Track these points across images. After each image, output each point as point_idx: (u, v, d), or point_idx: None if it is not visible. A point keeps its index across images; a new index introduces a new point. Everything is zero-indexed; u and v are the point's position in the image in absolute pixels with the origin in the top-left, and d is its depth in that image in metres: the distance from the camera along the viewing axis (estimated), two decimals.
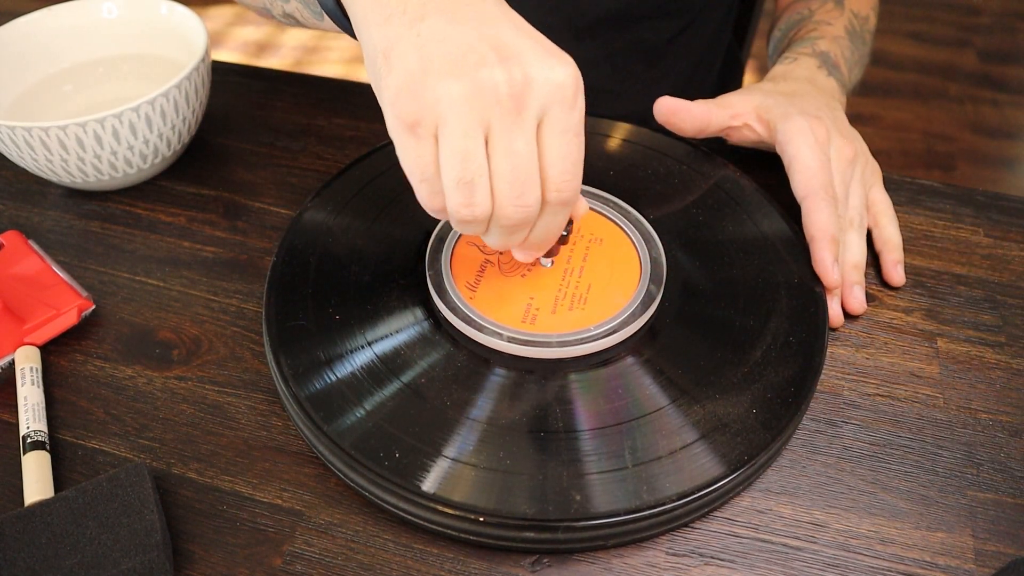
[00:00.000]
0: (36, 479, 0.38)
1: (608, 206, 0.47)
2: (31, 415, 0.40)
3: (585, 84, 0.34)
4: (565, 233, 0.42)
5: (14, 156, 0.50)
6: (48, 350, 0.45)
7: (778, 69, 0.57)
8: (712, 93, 0.53)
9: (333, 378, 0.39)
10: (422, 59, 0.32)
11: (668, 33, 0.69)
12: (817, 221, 0.45)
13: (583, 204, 0.40)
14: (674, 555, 0.37)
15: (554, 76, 0.32)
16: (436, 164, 0.33)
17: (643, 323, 0.42)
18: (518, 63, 0.32)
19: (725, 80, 0.82)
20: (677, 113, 0.50)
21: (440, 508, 0.35)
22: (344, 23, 0.40)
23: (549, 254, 0.43)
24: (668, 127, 0.50)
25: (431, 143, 0.33)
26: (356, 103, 0.62)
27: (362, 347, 0.41)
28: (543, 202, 0.35)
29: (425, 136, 0.33)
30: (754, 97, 0.51)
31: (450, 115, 0.32)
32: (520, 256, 0.40)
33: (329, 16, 0.40)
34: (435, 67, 0.32)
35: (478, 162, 0.32)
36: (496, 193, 0.33)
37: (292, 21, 0.51)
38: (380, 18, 0.34)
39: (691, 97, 0.51)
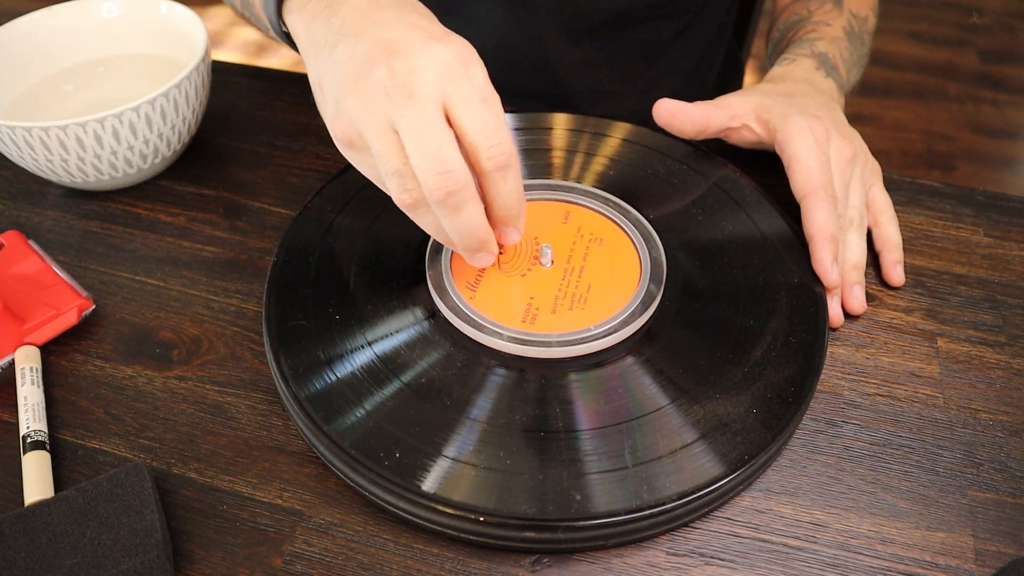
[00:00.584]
0: (36, 479, 0.38)
1: (608, 206, 0.47)
2: (31, 415, 0.40)
3: (585, 85, 0.35)
4: None
5: (14, 156, 0.50)
6: (48, 350, 0.45)
7: (776, 70, 0.57)
8: (712, 93, 0.53)
9: (333, 378, 0.39)
10: (337, 82, 0.37)
11: (668, 34, 0.69)
12: (816, 221, 0.45)
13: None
14: (674, 555, 0.37)
15: (435, 58, 0.35)
16: (374, 168, 0.37)
17: (643, 323, 0.42)
18: (401, 56, 0.35)
19: (725, 80, 0.82)
20: (676, 115, 0.50)
21: (440, 508, 0.35)
22: (293, 46, 0.44)
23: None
24: (668, 129, 0.51)
25: (363, 154, 0.37)
26: None
27: (362, 347, 0.41)
28: (481, 172, 0.37)
29: (362, 148, 0.37)
30: (753, 98, 0.51)
31: (361, 125, 0.36)
32: (508, 240, 0.41)
33: (284, 42, 0.45)
34: (344, 86, 0.36)
35: (396, 155, 0.35)
36: (417, 172, 0.35)
37: (248, 14, 0.53)
38: (312, 56, 0.40)
39: (691, 98, 0.51)
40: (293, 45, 0.45)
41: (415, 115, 0.35)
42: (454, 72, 0.35)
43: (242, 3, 0.53)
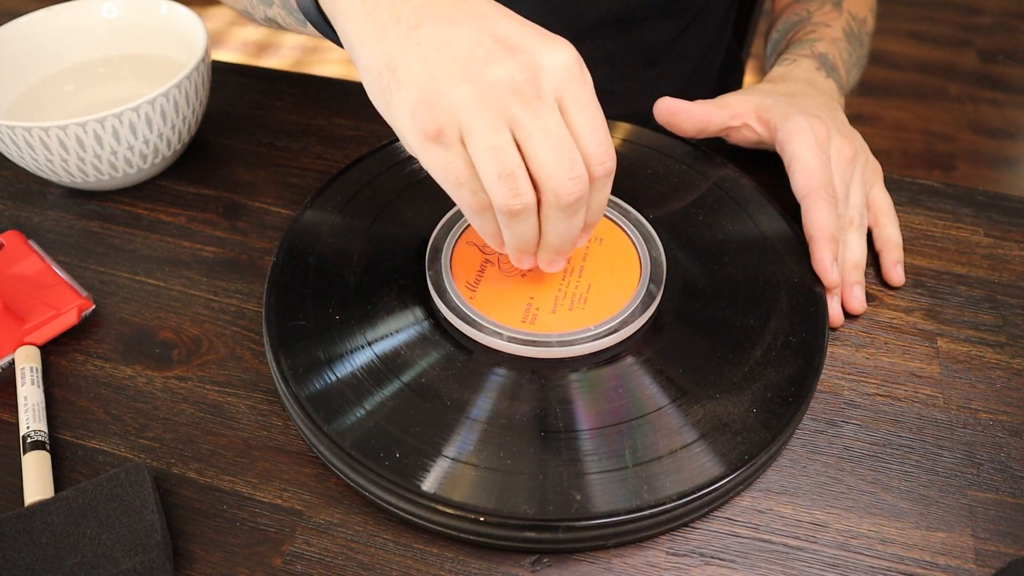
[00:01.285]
0: (36, 479, 0.38)
1: (608, 206, 0.47)
2: (31, 415, 0.40)
3: None
4: None
5: (14, 156, 0.50)
6: (48, 350, 0.45)
7: (777, 71, 0.57)
8: (712, 93, 0.53)
9: (333, 378, 0.39)
10: (429, 68, 0.33)
11: (668, 34, 0.69)
12: (816, 220, 0.45)
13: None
14: (674, 555, 0.37)
15: (559, 58, 0.33)
16: (469, 167, 0.34)
17: (643, 323, 0.42)
18: (524, 52, 0.33)
19: (725, 80, 0.82)
20: (677, 114, 0.50)
21: (440, 508, 0.35)
22: (330, 33, 0.40)
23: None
24: (668, 128, 0.51)
25: (458, 149, 0.33)
26: (356, 103, 0.62)
27: (362, 347, 0.41)
28: (591, 178, 0.35)
29: (451, 143, 0.33)
30: (753, 97, 0.51)
31: (471, 119, 0.33)
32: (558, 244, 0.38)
33: (314, 26, 0.41)
34: (444, 74, 0.33)
35: (512, 153, 0.33)
36: (546, 175, 0.33)
37: (274, 25, 0.51)
38: (375, 33, 0.35)
39: (691, 97, 0.51)
40: (325, 26, 0.40)
41: (546, 117, 0.33)
42: (574, 75, 0.34)
43: None
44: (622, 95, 0.71)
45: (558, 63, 0.33)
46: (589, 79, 0.35)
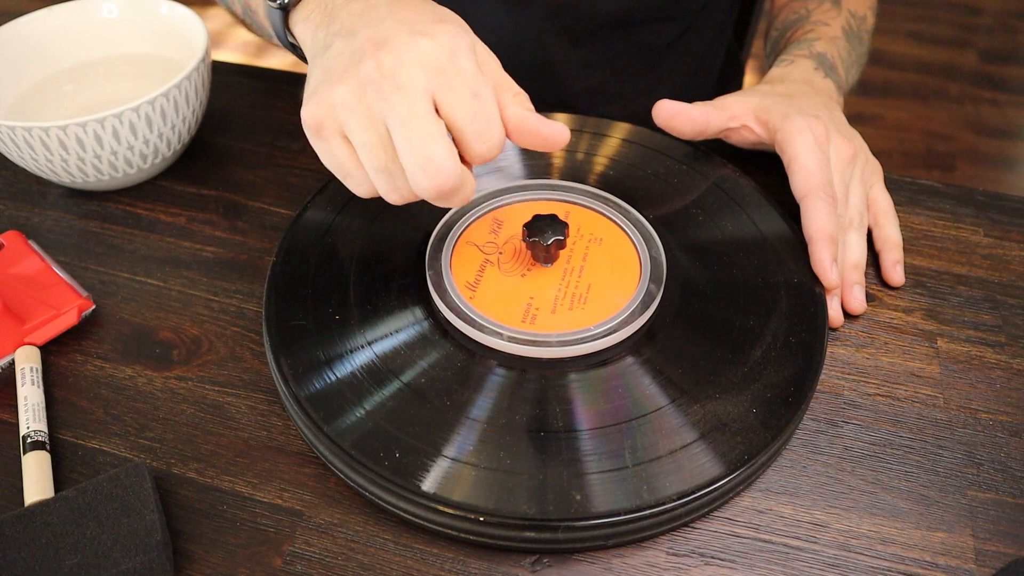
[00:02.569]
0: (36, 479, 0.38)
1: (608, 206, 0.47)
2: (31, 415, 0.40)
3: (585, 87, 0.35)
4: (561, 237, 0.42)
5: (14, 156, 0.50)
6: (48, 350, 0.45)
7: (775, 71, 0.57)
8: (712, 94, 0.53)
9: (333, 378, 0.39)
10: (324, 73, 0.37)
11: (668, 37, 0.69)
12: (815, 221, 0.45)
13: (559, 133, 0.39)
14: (674, 555, 0.37)
15: (421, 50, 0.35)
16: (353, 159, 0.37)
17: (643, 323, 0.42)
18: (389, 50, 0.35)
19: (725, 81, 0.82)
20: (676, 116, 0.50)
21: (440, 508, 0.35)
22: (300, 55, 0.45)
23: (547, 259, 0.43)
24: (667, 130, 0.51)
25: (340, 142, 0.37)
26: None
27: (362, 347, 0.41)
28: (479, 156, 0.37)
29: (331, 137, 0.37)
30: (752, 98, 0.51)
31: (347, 117, 0.35)
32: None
33: (291, 52, 0.46)
34: (331, 78, 0.36)
35: (384, 149, 0.35)
36: (405, 167, 0.35)
37: (250, 21, 0.53)
38: (311, 60, 0.40)
39: (691, 99, 0.51)
40: (300, 55, 0.45)
41: (404, 107, 0.34)
42: (442, 65, 0.35)
43: (243, 11, 0.53)
44: (622, 97, 0.71)
45: (420, 56, 0.35)
46: (466, 66, 0.36)
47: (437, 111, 0.35)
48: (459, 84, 0.35)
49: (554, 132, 0.38)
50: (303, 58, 0.44)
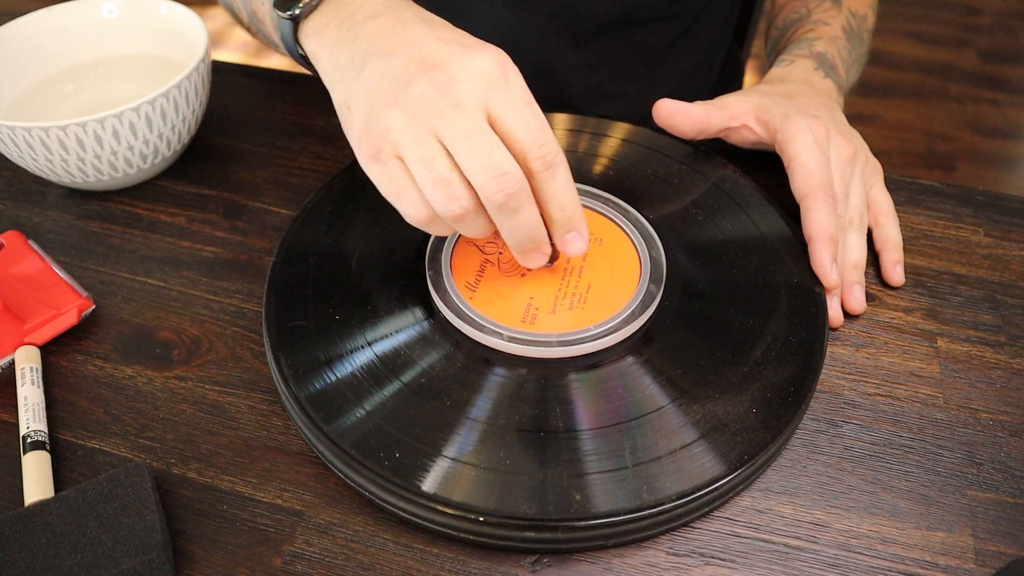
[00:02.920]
0: (36, 479, 0.38)
1: (608, 206, 0.47)
2: (31, 415, 0.40)
3: (586, 87, 0.35)
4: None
5: (14, 156, 0.50)
6: (48, 350, 0.45)
7: (775, 72, 0.57)
8: (712, 94, 0.53)
9: (333, 378, 0.39)
10: (370, 98, 0.37)
11: (669, 37, 0.69)
12: (815, 221, 0.45)
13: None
14: (674, 555, 0.37)
15: (474, 67, 0.36)
16: (408, 180, 0.37)
17: (643, 323, 0.42)
18: (440, 69, 0.36)
19: (725, 81, 0.82)
20: (676, 115, 0.50)
21: (440, 508, 0.35)
22: (309, 67, 0.45)
23: (549, 260, 0.43)
24: (667, 129, 0.51)
25: (395, 164, 0.37)
26: None
27: (362, 347, 0.41)
28: (530, 173, 0.36)
29: (387, 160, 0.37)
30: (752, 98, 0.51)
31: (401, 136, 0.36)
32: (572, 248, 0.39)
33: (299, 63, 0.45)
34: (380, 101, 0.36)
35: (442, 161, 0.35)
36: (473, 178, 0.36)
37: (256, 29, 0.53)
38: (337, 78, 0.40)
39: (692, 98, 0.51)
40: (308, 65, 0.45)
41: (463, 123, 0.35)
42: (494, 79, 0.36)
43: (250, 19, 0.53)
44: (623, 97, 0.71)
45: (473, 72, 0.36)
46: (515, 80, 0.37)
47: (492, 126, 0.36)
48: (511, 97, 0.36)
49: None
50: (311, 70, 0.44)
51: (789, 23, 0.64)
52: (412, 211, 0.37)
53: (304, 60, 0.44)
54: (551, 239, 0.40)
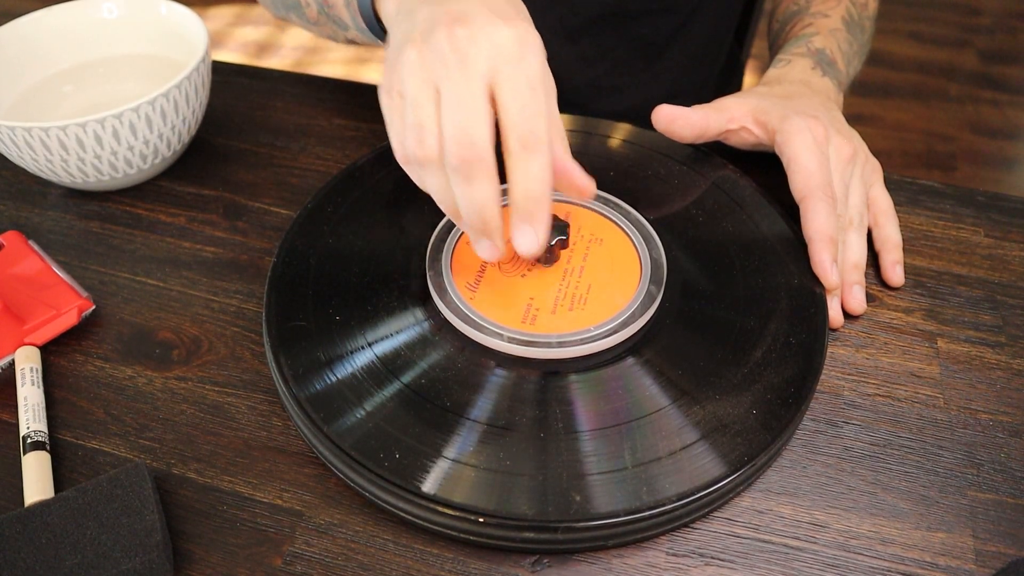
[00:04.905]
0: (36, 479, 0.38)
1: (608, 206, 0.47)
2: (31, 415, 0.40)
3: (583, 81, 0.35)
4: (564, 237, 0.42)
5: (14, 156, 0.50)
6: (48, 350, 0.45)
7: (772, 72, 0.57)
8: (712, 90, 0.53)
9: (333, 379, 0.39)
10: (403, 36, 0.38)
11: (666, 30, 0.69)
12: (815, 222, 0.45)
13: (589, 186, 0.40)
14: (674, 555, 0.37)
15: (497, 36, 0.36)
16: (400, 115, 0.38)
17: (643, 323, 0.42)
18: (465, 25, 0.36)
19: (725, 81, 0.82)
20: (675, 121, 0.50)
21: (440, 509, 0.35)
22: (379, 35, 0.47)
23: (548, 260, 0.43)
24: (667, 135, 0.51)
25: (397, 99, 0.38)
26: (356, 103, 0.63)
27: (362, 348, 0.41)
28: (509, 152, 0.36)
29: (394, 95, 0.38)
30: (750, 100, 0.51)
31: (407, 76, 0.37)
32: (521, 240, 0.38)
33: (369, 31, 0.48)
34: (407, 41, 0.37)
35: (428, 108, 0.36)
36: (444, 131, 0.36)
37: (355, 44, 0.56)
38: (396, 22, 0.41)
39: (691, 93, 0.51)
40: (379, 33, 0.47)
41: (461, 83, 0.35)
42: (510, 53, 0.36)
43: (319, 8, 0.54)
44: (620, 91, 0.71)
45: (494, 40, 0.36)
46: (532, 62, 0.37)
47: (493, 101, 0.36)
48: (519, 74, 0.36)
49: (585, 183, 0.39)
50: (381, 38, 0.46)
51: (788, 16, 0.64)
52: (394, 145, 0.39)
53: (377, 24, 0.46)
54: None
